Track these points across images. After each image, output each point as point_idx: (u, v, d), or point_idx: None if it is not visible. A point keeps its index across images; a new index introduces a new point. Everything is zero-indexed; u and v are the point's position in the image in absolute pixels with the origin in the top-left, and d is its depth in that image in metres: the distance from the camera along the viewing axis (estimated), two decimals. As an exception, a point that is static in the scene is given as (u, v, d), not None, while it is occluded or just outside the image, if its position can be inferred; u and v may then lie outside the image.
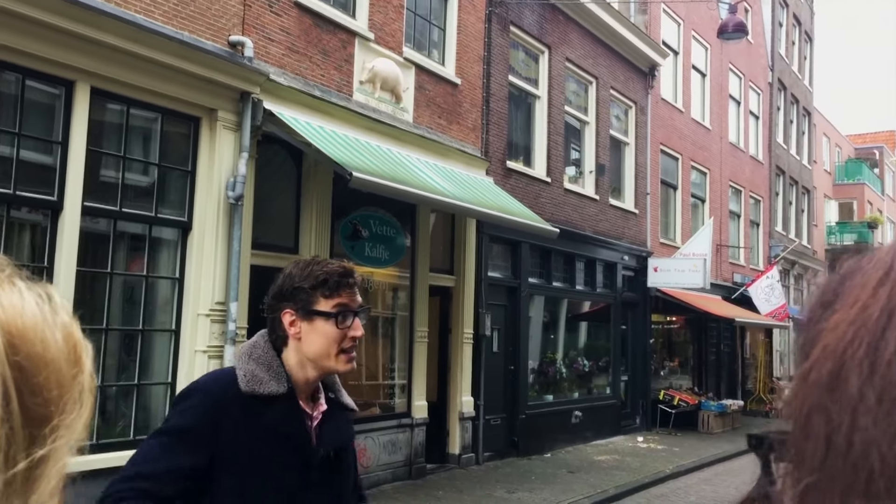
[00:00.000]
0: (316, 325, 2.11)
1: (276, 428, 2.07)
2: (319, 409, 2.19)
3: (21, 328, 0.55)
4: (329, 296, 2.12)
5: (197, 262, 8.06)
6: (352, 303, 2.15)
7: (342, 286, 2.13)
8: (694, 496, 11.15)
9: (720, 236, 21.54)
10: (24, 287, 0.58)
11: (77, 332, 0.60)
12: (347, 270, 2.18)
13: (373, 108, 10.34)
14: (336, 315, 2.12)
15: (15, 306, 0.56)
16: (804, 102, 31.13)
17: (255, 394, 2.05)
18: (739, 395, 21.86)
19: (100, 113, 7.49)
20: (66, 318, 0.59)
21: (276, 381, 2.09)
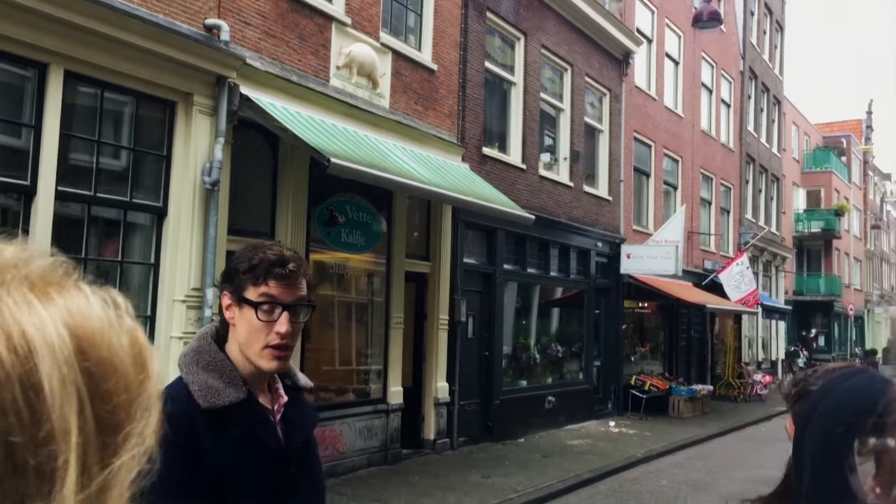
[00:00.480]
0: (244, 313, 1.96)
1: (244, 438, 1.95)
2: (280, 401, 2.08)
3: (90, 333, 0.55)
4: (256, 283, 1.94)
5: (172, 247, 8.00)
6: (282, 295, 1.95)
7: (271, 275, 1.94)
8: (666, 479, 11.32)
9: (691, 223, 21.77)
10: (90, 291, 0.58)
11: (142, 337, 0.60)
12: (283, 258, 1.96)
13: (349, 94, 10.29)
14: (256, 305, 1.94)
15: (83, 311, 0.55)
16: (774, 91, 31.46)
17: (216, 407, 1.91)
18: (709, 380, 22.16)
19: (73, 96, 7.38)
20: (130, 322, 0.59)
21: (234, 388, 1.95)
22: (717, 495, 10.35)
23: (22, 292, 0.54)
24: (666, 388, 18.63)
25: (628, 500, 9.91)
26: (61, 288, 0.57)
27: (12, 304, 0.53)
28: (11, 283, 0.55)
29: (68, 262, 0.60)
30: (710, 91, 24.35)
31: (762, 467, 12.41)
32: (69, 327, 0.54)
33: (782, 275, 32.53)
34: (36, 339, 0.52)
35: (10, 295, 0.54)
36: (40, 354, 0.52)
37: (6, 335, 0.52)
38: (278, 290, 1.95)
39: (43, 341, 0.52)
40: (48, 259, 0.59)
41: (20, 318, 0.53)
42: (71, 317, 0.55)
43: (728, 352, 24.10)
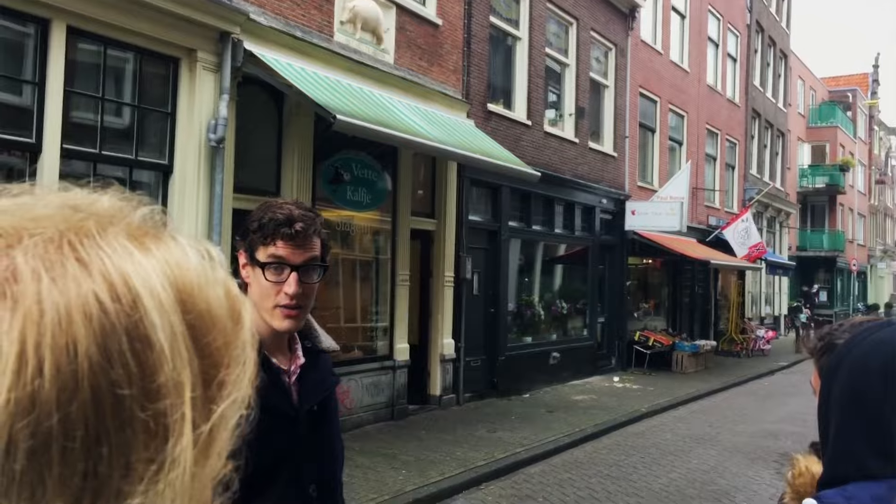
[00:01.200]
0: (256, 272, 1.95)
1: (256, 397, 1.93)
2: (297, 362, 2.06)
3: (189, 286, 0.53)
4: (265, 243, 1.93)
5: (178, 205, 7.98)
6: (290, 255, 1.93)
7: (279, 235, 1.92)
8: (669, 433, 11.44)
9: (696, 179, 21.67)
10: (186, 243, 0.57)
11: (235, 288, 0.59)
12: (290, 218, 1.93)
13: (354, 50, 10.17)
14: (263, 265, 1.93)
15: (180, 263, 0.54)
16: (781, 45, 31.08)
17: None
18: (712, 336, 22.28)
19: (76, 53, 7.30)
20: (223, 274, 0.58)
21: None
22: (720, 448, 10.47)
23: (122, 241, 0.53)
24: (669, 343, 18.74)
25: (632, 454, 10.03)
26: (158, 239, 0.55)
27: (112, 253, 0.51)
28: (110, 231, 0.53)
29: (163, 213, 0.59)
30: (717, 45, 24.05)
31: (764, 421, 12.55)
32: (169, 279, 0.53)
33: (786, 230, 32.49)
34: (140, 289, 0.51)
35: (110, 244, 0.52)
36: (147, 305, 0.50)
37: (109, 284, 0.50)
38: (286, 251, 1.92)
39: (148, 292, 0.51)
40: (144, 209, 0.57)
41: (123, 266, 0.51)
42: (170, 268, 0.53)
43: (731, 307, 24.18)
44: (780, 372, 20.05)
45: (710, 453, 10.18)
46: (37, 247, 0.50)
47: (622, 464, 9.50)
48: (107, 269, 0.50)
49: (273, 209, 1.95)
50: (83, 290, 0.49)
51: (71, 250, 0.50)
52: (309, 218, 1.97)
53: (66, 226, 0.52)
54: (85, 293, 0.49)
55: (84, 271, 0.50)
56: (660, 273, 21.47)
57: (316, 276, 1.98)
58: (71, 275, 0.49)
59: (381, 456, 8.90)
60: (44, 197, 0.55)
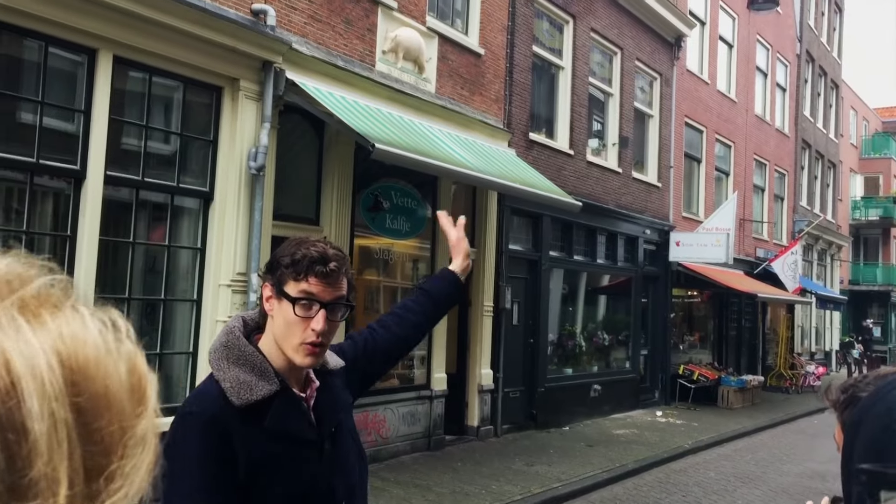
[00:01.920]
0: (283, 306, 1.96)
1: (279, 430, 1.95)
2: (312, 386, 2.08)
3: (83, 362, 0.48)
4: (297, 278, 1.94)
5: (218, 232, 8.05)
6: (321, 293, 1.95)
7: (312, 272, 1.93)
8: (713, 472, 11.12)
9: (744, 210, 21.30)
10: (88, 313, 0.51)
11: (142, 364, 0.53)
12: (325, 256, 1.95)
13: (395, 79, 10.23)
14: (295, 301, 1.94)
15: (77, 336, 0.49)
16: (832, 75, 30.57)
17: (249, 402, 1.90)
18: (759, 371, 21.74)
19: (122, 81, 7.45)
20: (131, 346, 0.53)
21: (266, 380, 1.94)
22: (766, 489, 10.14)
23: (10, 313, 0.48)
24: (715, 378, 18.32)
25: (674, 492, 9.76)
26: (56, 309, 0.50)
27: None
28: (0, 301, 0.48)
29: (68, 281, 0.53)
30: (765, 75, 23.74)
31: (813, 461, 12.13)
32: (61, 355, 0.47)
33: (838, 264, 31.72)
34: (22, 369, 0.45)
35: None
36: (26, 389, 0.45)
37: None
38: (318, 288, 1.95)
39: (30, 373, 0.45)
40: (45, 276, 0.52)
41: (5, 344, 0.46)
42: (63, 343, 0.48)
43: (780, 342, 23.59)
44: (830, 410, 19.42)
45: (756, 494, 9.86)
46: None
47: (663, 502, 9.25)
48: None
49: (307, 246, 1.99)
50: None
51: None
52: (341, 258, 2.01)
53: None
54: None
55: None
56: (705, 305, 21.07)
57: (341, 315, 2.02)
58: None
59: (415, 487, 8.79)
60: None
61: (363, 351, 2.33)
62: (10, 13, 6.42)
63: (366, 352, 2.34)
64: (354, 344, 2.34)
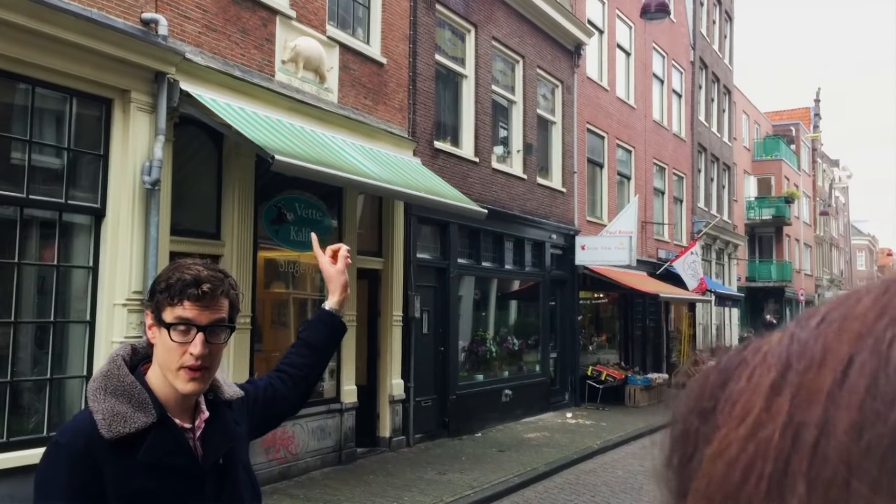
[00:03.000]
0: (162, 332, 1.92)
1: (153, 463, 1.90)
2: (202, 416, 2.03)
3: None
4: (172, 303, 1.90)
5: (112, 249, 7.74)
6: (197, 316, 1.91)
7: (186, 296, 1.90)
8: (621, 470, 11.36)
9: (645, 213, 21.91)
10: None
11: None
12: (198, 278, 1.91)
13: (296, 89, 10.08)
14: (169, 326, 1.90)
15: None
16: (724, 81, 31.81)
17: (121, 435, 1.86)
18: (664, 369, 22.37)
19: (4, 94, 7.09)
20: None
21: (143, 412, 1.90)
22: (671, 485, 10.41)
23: None
24: (622, 377, 18.75)
25: (583, 493, 9.92)
26: None
27: None
28: None
29: None
30: (662, 81, 24.51)
31: (716, 455, 12.54)
32: None
33: (735, 262, 32.98)
34: None
35: None
36: None
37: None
38: (193, 312, 1.92)
39: None
40: None
41: None
42: None
43: (683, 340, 24.37)
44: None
45: (662, 490, 10.11)
46: None
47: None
48: None
49: (181, 269, 1.95)
50: None
51: None
52: (217, 279, 1.96)
53: None
54: None
55: None
56: (611, 307, 21.56)
57: (223, 338, 1.98)
58: None
59: (325, 503, 8.66)
60: None
61: (263, 395, 2.28)
62: None
63: (265, 396, 2.28)
64: (255, 387, 2.30)
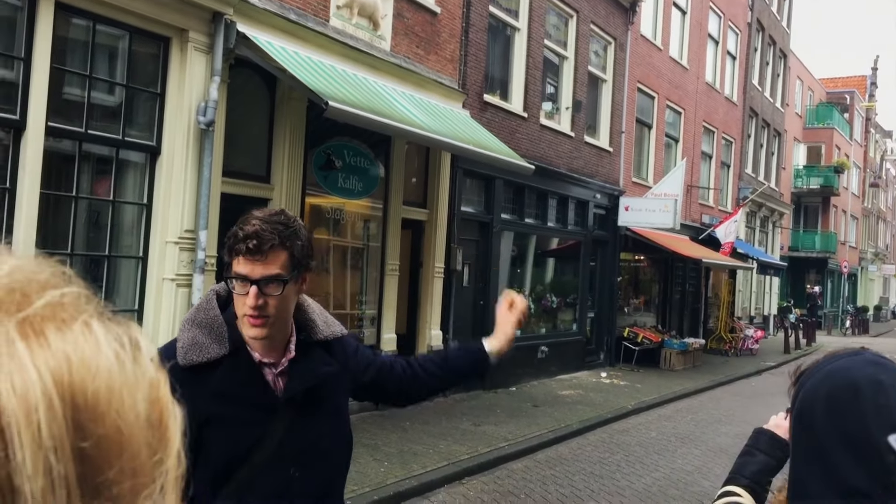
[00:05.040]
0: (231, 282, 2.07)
1: (224, 390, 2.01)
2: (288, 356, 2.12)
3: (93, 397, 0.38)
4: (231, 257, 2.02)
5: (166, 188, 7.86)
6: (250, 271, 1.98)
7: (237, 251, 1.99)
8: (654, 432, 11.40)
9: (691, 177, 21.60)
10: (102, 331, 0.41)
11: (165, 395, 0.43)
12: (247, 234, 1.97)
13: (350, 35, 10.04)
14: (226, 279, 2.04)
15: (87, 362, 0.39)
16: (781, 44, 30.97)
17: (194, 364, 1.98)
18: (701, 334, 22.27)
19: (65, 29, 7.16)
20: (152, 373, 0.43)
21: (218, 343, 2.02)
22: (704, 448, 10.44)
23: (6, 330, 0.38)
24: (658, 340, 18.71)
25: (617, 452, 9.98)
26: (63, 325, 0.40)
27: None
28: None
29: (83, 290, 0.43)
30: (717, 42, 23.93)
31: (749, 423, 12.47)
32: (64, 387, 0.37)
33: (779, 231, 32.48)
34: (12, 409, 0.36)
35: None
36: (17, 437, 0.35)
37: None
38: (246, 266, 1.99)
39: (23, 414, 0.35)
40: (58, 282, 0.42)
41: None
42: (69, 370, 0.38)
43: (721, 306, 24.17)
44: (767, 372, 20.05)
45: (695, 453, 10.15)
46: None
47: (606, 461, 9.45)
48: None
49: (242, 223, 2.02)
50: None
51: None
52: (267, 233, 1.99)
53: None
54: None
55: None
56: (651, 270, 21.42)
57: (277, 290, 2.01)
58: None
59: (363, 447, 8.82)
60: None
61: (354, 357, 2.32)
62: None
63: (357, 361, 2.33)
64: (356, 348, 2.35)
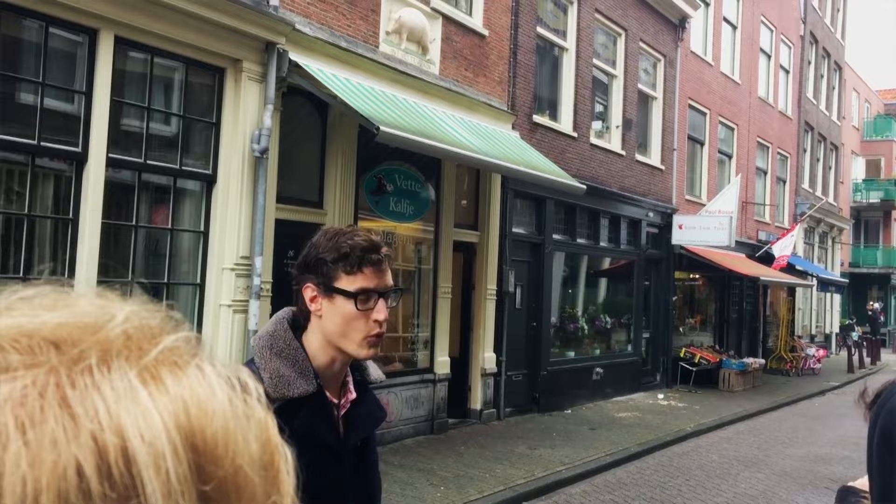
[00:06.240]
0: (336, 303, 1.89)
1: (306, 432, 1.88)
2: (348, 397, 2.01)
3: (212, 439, 0.38)
4: (351, 272, 1.88)
5: (221, 215, 7.98)
6: (377, 282, 1.90)
7: (365, 262, 1.88)
8: (716, 455, 11.12)
9: (746, 193, 21.21)
10: (215, 374, 0.42)
11: (275, 435, 0.44)
12: (374, 244, 1.91)
13: (399, 60, 10.12)
14: (356, 295, 1.88)
15: (204, 406, 0.39)
16: (835, 56, 30.37)
17: (283, 398, 1.84)
18: (760, 354, 21.75)
19: (123, 62, 7.35)
20: (261, 414, 0.43)
21: (305, 379, 1.88)
22: (768, 472, 10.14)
23: (127, 379, 0.38)
24: (716, 360, 18.31)
25: (677, 476, 9.75)
26: (177, 369, 0.41)
27: (112, 398, 0.37)
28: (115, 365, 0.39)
29: (191, 334, 0.44)
30: (769, 56, 23.57)
31: (815, 444, 12.14)
32: (183, 431, 0.38)
33: (839, 246, 31.67)
34: (142, 456, 0.36)
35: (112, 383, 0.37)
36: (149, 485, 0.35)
37: (99, 449, 0.35)
38: (374, 279, 1.90)
39: (152, 460, 0.36)
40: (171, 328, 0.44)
41: (122, 419, 0.36)
42: (188, 415, 0.39)
43: (781, 324, 23.59)
44: (832, 392, 19.47)
45: (759, 477, 9.86)
46: (14, 392, 0.36)
47: (667, 486, 9.24)
48: (100, 425, 0.36)
49: (349, 236, 1.92)
50: (62, 460, 0.35)
51: (58, 396, 0.37)
52: (383, 242, 1.96)
53: (62, 358, 0.38)
54: (64, 465, 0.35)
55: (70, 427, 0.36)
56: (707, 288, 21.03)
57: (394, 302, 2.00)
58: (51, 435, 0.36)
59: (419, 471, 8.78)
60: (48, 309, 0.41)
61: None
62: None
63: None
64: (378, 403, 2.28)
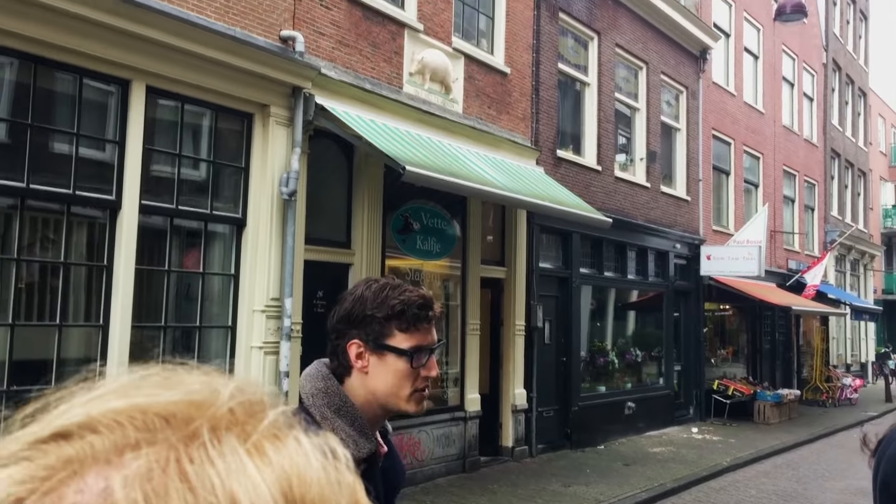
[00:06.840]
0: (387, 360, 1.85)
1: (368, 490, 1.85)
2: (381, 450, 1.97)
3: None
4: (405, 330, 1.84)
5: (252, 257, 8.08)
6: (430, 339, 1.87)
7: (421, 320, 1.85)
8: (754, 489, 10.92)
9: (774, 222, 21.06)
10: (310, 444, 0.45)
11: (363, 498, 0.47)
12: (426, 302, 1.87)
13: (423, 100, 10.25)
14: (411, 354, 1.84)
15: (302, 474, 0.42)
16: (859, 83, 30.24)
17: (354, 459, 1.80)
18: (795, 384, 21.40)
19: (154, 111, 7.53)
20: (350, 479, 0.46)
21: (366, 438, 1.83)
22: (809, 507, 9.93)
23: (236, 451, 0.42)
24: (750, 392, 18.04)
25: (715, 512, 9.59)
26: (277, 440, 0.44)
27: (224, 469, 0.40)
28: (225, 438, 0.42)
29: (287, 408, 0.48)
30: (792, 85, 23.53)
31: (855, 477, 11.87)
32: (287, 499, 0.41)
33: (871, 273, 31.23)
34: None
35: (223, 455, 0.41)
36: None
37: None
38: (428, 335, 1.88)
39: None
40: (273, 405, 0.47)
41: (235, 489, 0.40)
42: (289, 483, 0.41)
43: (815, 354, 23.21)
44: (870, 423, 19.06)
45: (799, 512, 9.66)
46: (140, 469, 0.40)
47: (704, 522, 9.08)
48: (216, 497, 0.39)
49: (399, 291, 1.88)
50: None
51: (178, 471, 0.40)
52: (432, 300, 1.95)
53: (179, 434, 0.42)
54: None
55: (190, 500, 0.39)
56: (738, 319, 20.79)
57: (438, 353, 2.02)
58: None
59: (452, 511, 8.72)
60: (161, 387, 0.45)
61: None
62: (45, 47, 6.52)
63: None
64: None
